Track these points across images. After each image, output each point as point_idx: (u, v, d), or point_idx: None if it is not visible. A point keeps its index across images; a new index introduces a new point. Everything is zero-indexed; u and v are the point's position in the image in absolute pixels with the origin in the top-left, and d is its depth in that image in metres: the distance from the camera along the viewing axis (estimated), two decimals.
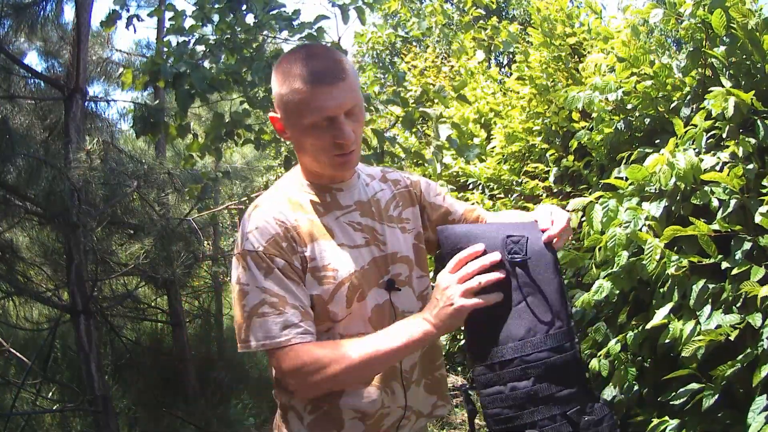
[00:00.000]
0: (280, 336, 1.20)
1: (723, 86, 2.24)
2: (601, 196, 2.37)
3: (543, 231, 1.28)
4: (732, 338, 1.87)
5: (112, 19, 3.04)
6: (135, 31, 4.26)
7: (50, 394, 3.68)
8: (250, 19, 3.08)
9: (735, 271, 1.96)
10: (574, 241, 3.04)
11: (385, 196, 1.44)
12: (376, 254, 1.35)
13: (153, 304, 4.47)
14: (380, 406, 1.32)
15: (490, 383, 1.22)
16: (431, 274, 1.42)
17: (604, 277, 2.40)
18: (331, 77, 1.20)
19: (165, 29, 3.32)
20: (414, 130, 3.41)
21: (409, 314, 1.34)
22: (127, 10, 3.10)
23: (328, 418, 1.31)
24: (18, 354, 3.38)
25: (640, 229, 2.16)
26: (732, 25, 2.26)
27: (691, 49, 2.48)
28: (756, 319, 1.85)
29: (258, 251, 1.23)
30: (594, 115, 2.88)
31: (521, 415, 1.19)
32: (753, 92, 2.10)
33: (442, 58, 6.88)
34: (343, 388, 1.29)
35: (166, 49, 3.05)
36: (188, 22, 3.04)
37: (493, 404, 1.21)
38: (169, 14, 3.10)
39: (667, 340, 2.08)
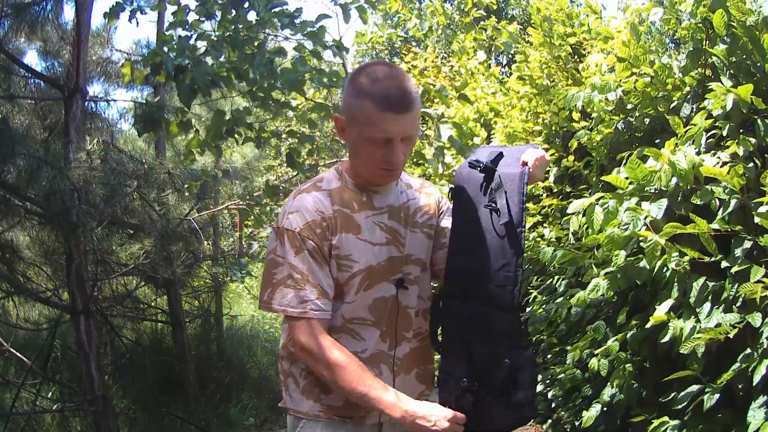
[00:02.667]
0: (297, 308, 1.41)
1: (723, 85, 2.24)
2: (601, 197, 2.37)
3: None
4: (731, 336, 1.88)
5: (115, 12, 3.04)
6: (138, 24, 4.25)
7: (50, 394, 3.68)
8: (251, 16, 3.08)
9: (735, 269, 1.96)
10: (573, 241, 3.04)
11: (417, 204, 1.60)
12: (394, 254, 1.52)
13: (153, 304, 4.46)
14: None
15: (449, 297, 1.51)
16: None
17: (602, 276, 2.40)
18: (399, 107, 1.36)
19: (165, 25, 3.32)
20: None
21: (411, 310, 1.56)
22: (131, 3, 3.11)
23: (319, 383, 1.49)
24: (18, 354, 3.38)
25: (640, 229, 2.16)
26: (732, 24, 2.26)
27: (691, 48, 2.48)
28: (756, 319, 1.85)
29: (294, 231, 1.43)
30: (594, 115, 2.88)
31: (463, 329, 1.47)
32: (752, 87, 2.10)
33: (442, 58, 6.88)
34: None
35: (168, 43, 3.04)
36: (191, 17, 3.04)
37: (446, 319, 1.52)
38: (171, 8, 3.10)
39: (666, 339, 2.08)
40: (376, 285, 1.50)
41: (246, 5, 3.02)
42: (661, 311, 2.10)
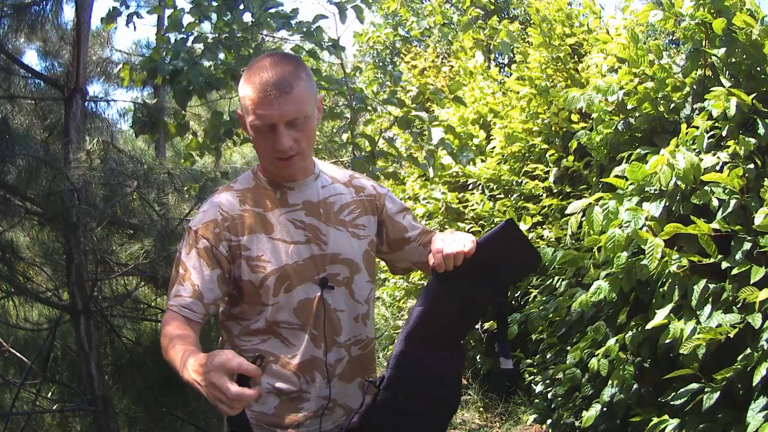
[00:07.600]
0: (171, 300, 1.40)
1: (723, 86, 2.24)
2: (600, 198, 2.37)
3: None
4: (732, 335, 1.88)
5: (112, 16, 3.04)
6: (135, 28, 4.25)
7: (50, 394, 3.67)
8: (247, 17, 3.08)
9: (735, 271, 1.96)
10: (573, 241, 3.04)
11: (342, 200, 1.52)
12: (315, 252, 1.44)
13: (153, 304, 4.46)
14: (297, 390, 1.43)
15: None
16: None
17: (603, 278, 2.40)
18: (275, 90, 1.32)
19: (164, 27, 3.33)
20: (413, 130, 3.41)
21: (341, 313, 1.46)
22: (127, 7, 3.11)
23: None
24: (18, 354, 3.37)
25: (641, 229, 2.16)
26: (732, 28, 2.27)
27: (691, 49, 2.49)
28: (756, 319, 1.86)
29: (193, 229, 1.42)
30: (594, 115, 2.88)
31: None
32: (755, 95, 2.11)
33: (442, 58, 6.87)
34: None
35: (164, 46, 3.05)
36: (186, 19, 3.04)
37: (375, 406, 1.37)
38: (168, 11, 3.10)
39: (667, 341, 2.08)
40: (299, 286, 1.42)
41: (241, 6, 3.01)
42: (660, 316, 2.10)
